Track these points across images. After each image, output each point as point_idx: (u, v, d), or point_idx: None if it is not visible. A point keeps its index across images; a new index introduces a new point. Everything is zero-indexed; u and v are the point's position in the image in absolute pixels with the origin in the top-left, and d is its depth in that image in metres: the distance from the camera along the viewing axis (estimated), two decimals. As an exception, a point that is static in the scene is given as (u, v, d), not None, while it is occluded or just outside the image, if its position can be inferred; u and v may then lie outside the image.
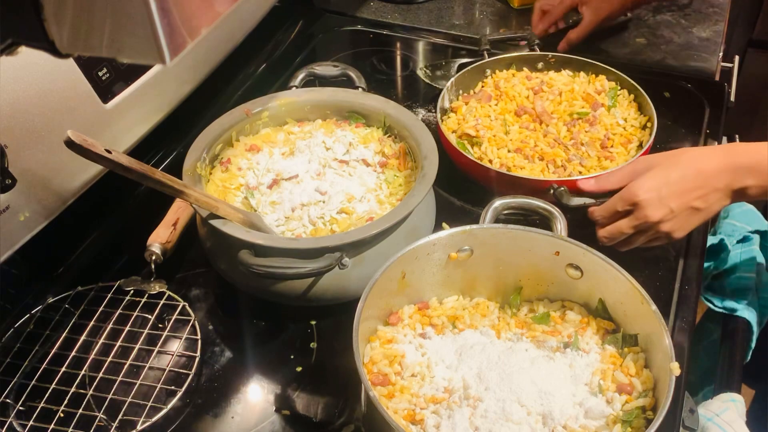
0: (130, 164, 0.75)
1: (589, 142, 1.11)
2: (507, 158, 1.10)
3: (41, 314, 0.95)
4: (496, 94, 1.21)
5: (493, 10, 1.61)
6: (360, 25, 1.57)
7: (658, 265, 1.03)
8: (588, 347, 0.83)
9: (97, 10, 0.44)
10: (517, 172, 1.07)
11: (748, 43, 2.22)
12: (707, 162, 0.92)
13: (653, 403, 0.76)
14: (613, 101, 1.18)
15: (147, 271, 0.99)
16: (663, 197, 0.91)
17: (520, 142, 1.12)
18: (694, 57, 1.42)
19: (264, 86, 1.35)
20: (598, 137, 1.12)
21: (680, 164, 0.93)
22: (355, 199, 0.98)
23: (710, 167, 0.92)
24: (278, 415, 0.87)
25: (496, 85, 1.23)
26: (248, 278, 0.89)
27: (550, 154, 1.09)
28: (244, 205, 0.98)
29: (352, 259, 0.88)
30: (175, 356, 0.91)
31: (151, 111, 1.09)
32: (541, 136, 1.13)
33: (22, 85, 0.86)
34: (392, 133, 1.08)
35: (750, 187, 0.91)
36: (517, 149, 1.11)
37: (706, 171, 0.92)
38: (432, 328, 0.87)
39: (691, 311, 0.97)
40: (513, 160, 1.09)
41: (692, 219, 0.94)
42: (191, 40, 0.46)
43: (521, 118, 1.16)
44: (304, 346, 0.95)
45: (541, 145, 1.11)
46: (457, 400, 0.77)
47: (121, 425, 0.83)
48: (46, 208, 0.93)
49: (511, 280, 0.91)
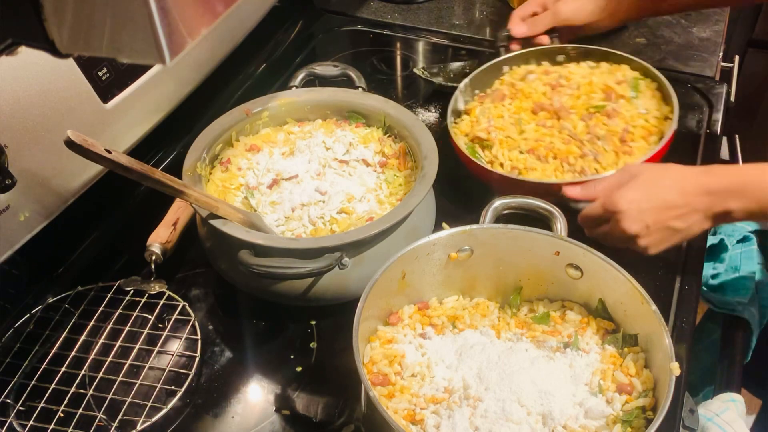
0: (130, 164, 0.75)
1: (605, 136, 1.06)
2: (518, 160, 1.07)
3: (41, 314, 0.95)
4: (512, 92, 1.18)
5: (493, 10, 1.61)
6: (360, 25, 1.57)
7: (658, 265, 1.03)
8: (588, 347, 0.83)
9: (97, 10, 0.44)
10: (526, 174, 1.05)
11: (748, 43, 2.22)
12: (690, 182, 0.90)
13: (653, 403, 0.76)
14: (636, 91, 1.14)
15: (147, 271, 0.99)
16: (642, 211, 0.89)
17: (534, 141, 1.09)
18: (694, 57, 1.42)
19: (264, 86, 1.35)
20: (616, 131, 1.07)
21: (664, 180, 0.91)
22: (355, 199, 0.98)
23: (693, 188, 0.90)
24: (278, 415, 0.87)
25: (511, 83, 1.20)
26: (248, 278, 0.89)
27: (564, 152, 1.06)
28: (244, 205, 0.98)
29: (352, 259, 0.88)
30: (175, 356, 0.91)
31: (151, 111, 1.09)
32: (556, 132, 1.10)
33: (22, 85, 0.86)
34: (392, 133, 1.08)
35: (733, 211, 0.89)
36: (530, 150, 1.08)
37: (688, 191, 0.90)
38: (432, 328, 0.87)
39: (691, 311, 0.97)
40: (525, 161, 1.07)
41: (669, 238, 0.92)
42: (191, 40, 0.46)
43: (538, 115, 1.13)
44: (304, 346, 0.95)
45: (556, 143, 1.08)
46: (457, 400, 0.77)
47: (121, 425, 0.83)
48: (46, 208, 0.93)
49: (511, 280, 0.91)
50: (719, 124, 1.27)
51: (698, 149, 1.23)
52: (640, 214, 0.89)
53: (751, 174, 0.90)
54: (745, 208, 0.89)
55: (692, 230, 0.91)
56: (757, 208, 0.88)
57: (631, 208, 0.89)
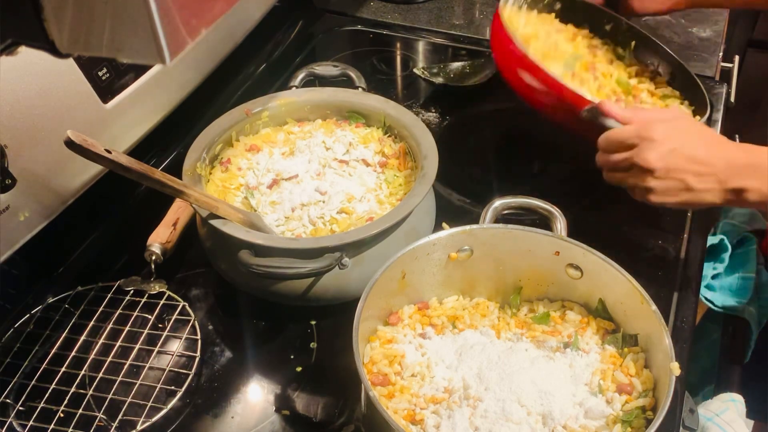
0: (130, 164, 0.75)
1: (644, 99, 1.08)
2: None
3: (41, 314, 0.95)
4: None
5: (493, 10, 1.60)
6: (360, 25, 1.57)
7: (658, 265, 1.03)
8: (588, 347, 0.84)
9: (97, 10, 0.44)
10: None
11: (748, 43, 2.22)
12: (722, 147, 0.88)
13: (653, 403, 0.76)
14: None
15: (147, 271, 0.99)
16: (671, 150, 0.86)
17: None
18: (694, 57, 1.42)
19: (264, 86, 1.35)
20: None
21: (702, 134, 0.89)
22: (355, 199, 0.98)
23: (722, 153, 0.87)
24: (278, 415, 0.87)
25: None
26: (248, 278, 0.89)
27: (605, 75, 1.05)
28: (244, 205, 0.98)
29: (352, 259, 0.88)
30: (175, 356, 0.91)
31: (151, 111, 1.09)
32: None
33: (22, 85, 0.86)
34: (392, 133, 1.08)
35: (748, 189, 0.86)
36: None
37: (716, 154, 0.87)
38: (432, 328, 0.87)
39: (691, 311, 0.97)
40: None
41: (677, 193, 0.88)
42: (191, 40, 0.46)
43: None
44: (304, 346, 0.95)
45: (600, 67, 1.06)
46: (457, 400, 0.77)
47: (121, 425, 0.83)
48: (46, 208, 0.93)
49: (511, 280, 0.91)
50: (719, 124, 1.27)
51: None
52: (667, 152, 0.86)
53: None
54: (760, 191, 0.85)
55: (702, 197, 0.88)
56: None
57: (663, 142, 0.86)
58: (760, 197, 0.86)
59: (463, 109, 1.34)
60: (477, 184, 1.11)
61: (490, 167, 1.15)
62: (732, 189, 0.86)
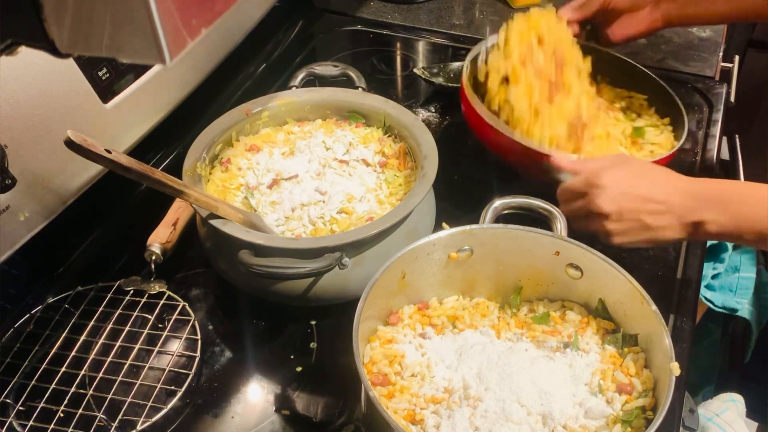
0: (130, 164, 0.75)
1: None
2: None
3: (41, 314, 0.95)
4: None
5: (493, 10, 1.61)
6: (360, 25, 1.57)
7: (658, 265, 1.03)
8: (588, 347, 0.83)
9: (97, 10, 0.44)
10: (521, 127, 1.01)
11: (748, 43, 2.22)
12: (676, 183, 0.88)
13: (653, 403, 0.76)
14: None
15: (147, 271, 0.99)
16: (622, 193, 0.87)
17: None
18: (694, 57, 1.42)
19: (264, 86, 1.35)
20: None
21: (653, 173, 0.89)
22: (355, 199, 0.98)
23: (676, 189, 0.87)
24: (278, 415, 0.87)
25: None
26: (248, 278, 0.89)
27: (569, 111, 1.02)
28: (244, 205, 0.98)
29: (352, 259, 0.88)
30: (175, 356, 0.91)
31: (151, 111, 1.09)
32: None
33: (22, 85, 0.86)
34: (392, 133, 1.08)
35: (707, 222, 0.84)
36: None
37: (670, 190, 0.86)
38: (432, 328, 0.87)
39: (691, 311, 0.97)
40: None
41: (637, 232, 0.88)
42: (191, 40, 0.46)
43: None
44: (304, 346, 0.95)
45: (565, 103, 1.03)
46: (457, 400, 0.77)
47: (121, 425, 0.83)
48: (46, 208, 0.93)
49: (511, 280, 0.91)
50: (719, 124, 1.27)
51: (698, 149, 1.23)
52: (618, 195, 0.86)
53: (738, 190, 0.86)
54: (718, 222, 0.84)
55: (663, 234, 0.87)
56: (732, 225, 0.84)
57: (611, 187, 0.87)
58: (719, 228, 0.84)
59: (463, 109, 1.33)
60: (477, 184, 1.11)
61: (490, 167, 1.15)
62: (691, 222, 0.85)
